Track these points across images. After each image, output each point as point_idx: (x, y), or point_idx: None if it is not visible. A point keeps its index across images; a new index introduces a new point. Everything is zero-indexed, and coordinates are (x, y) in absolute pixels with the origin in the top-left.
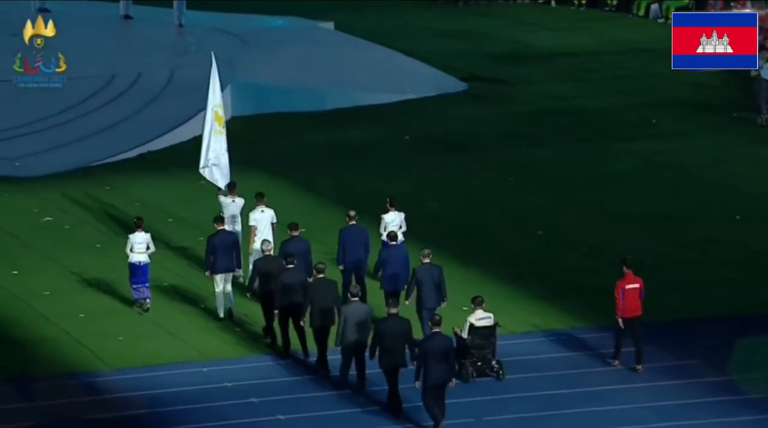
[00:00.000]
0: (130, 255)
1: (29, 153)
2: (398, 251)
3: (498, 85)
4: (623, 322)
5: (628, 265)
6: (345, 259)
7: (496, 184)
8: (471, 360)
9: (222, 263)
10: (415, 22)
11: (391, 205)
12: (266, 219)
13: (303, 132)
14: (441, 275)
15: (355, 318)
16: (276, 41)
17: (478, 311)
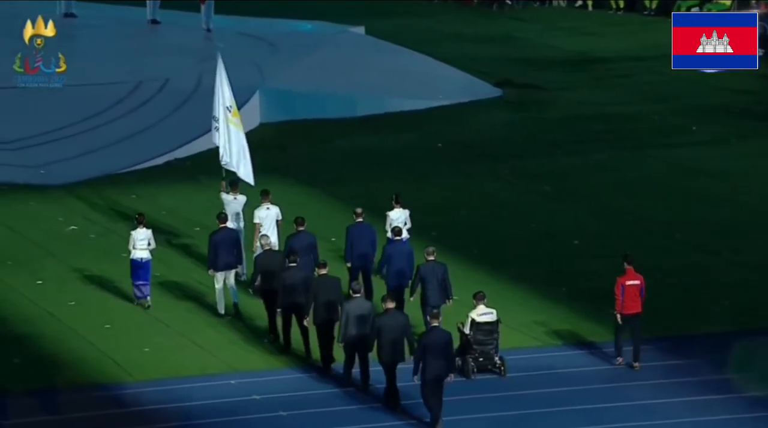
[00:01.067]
0: (132, 251)
1: (55, 160)
2: (403, 247)
3: (532, 91)
4: (622, 318)
5: (629, 261)
6: (352, 256)
7: (530, 192)
8: (473, 356)
9: (223, 260)
10: (448, 26)
11: (396, 202)
12: (272, 216)
13: (332, 138)
14: (445, 273)
15: (356, 315)
16: (305, 46)
17: (480, 306)
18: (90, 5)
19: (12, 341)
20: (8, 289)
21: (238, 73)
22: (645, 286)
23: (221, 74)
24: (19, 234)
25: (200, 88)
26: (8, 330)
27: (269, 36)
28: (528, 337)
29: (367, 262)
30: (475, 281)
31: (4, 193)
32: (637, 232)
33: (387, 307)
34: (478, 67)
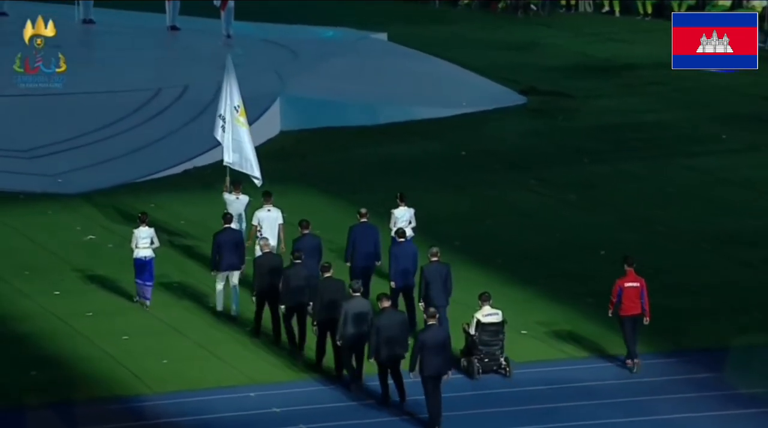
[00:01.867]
0: (135, 250)
1: (72, 169)
2: (407, 247)
3: (558, 99)
4: (624, 320)
5: (629, 263)
6: (354, 257)
7: (557, 201)
8: (478, 356)
9: (227, 261)
10: (472, 32)
11: (401, 200)
12: (272, 218)
13: (354, 147)
14: (449, 273)
15: (355, 313)
16: (327, 53)
17: (486, 307)
18: (109, 11)
19: (29, 352)
20: (25, 300)
21: (258, 81)
22: (646, 289)
23: (230, 73)
24: (36, 244)
25: (220, 95)
26: (25, 340)
27: (290, 42)
28: (554, 349)
29: (370, 262)
30: (499, 292)
31: (21, 202)
32: (665, 242)
33: (383, 306)
34: (502, 74)
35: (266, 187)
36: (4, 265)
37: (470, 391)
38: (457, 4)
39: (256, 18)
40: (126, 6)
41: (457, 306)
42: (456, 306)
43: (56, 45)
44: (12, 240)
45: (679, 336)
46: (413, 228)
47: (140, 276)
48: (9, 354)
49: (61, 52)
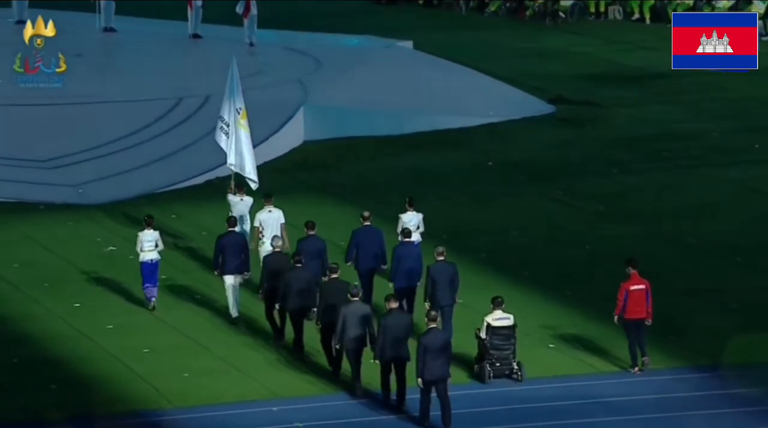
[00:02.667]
0: (141, 254)
1: (93, 179)
2: (412, 248)
3: (588, 108)
4: (628, 324)
5: (633, 266)
6: (359, 260)
7: (585, 213)
8: (489, 361)
9: (231, 264)
10: (499, 40)
11: (409, 205)
12: (274, 219)
13: (379, 157)
14: (455, 272)
15: (354, 318)
16: (351, 61)
17: (497, 311)
18: (130, 19)
19: (49, 366)
20: (45, 312)
21: (281, 89)
22: (651, 291)
23: (234, 76)
24: (56, 255)
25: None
26: (45, 355)
27: (314, 51)
28: (582, 364)
29: (375, 265)
30: (526, 304)
31: (41, 213)
32: (697, 255)
33: (390, 307)
34: (530, 82)
35: (291, 197)
36: (23, 277)
37: (495, 406)
38: (484, 12)
39: (279, 26)
40: (148, 14)
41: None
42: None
43: (78, 54)
44: (32, 251)
45: (713, 350)
46: (421, 233)
47: (148, 280)
48: (28, 368)
49: (83, 60)
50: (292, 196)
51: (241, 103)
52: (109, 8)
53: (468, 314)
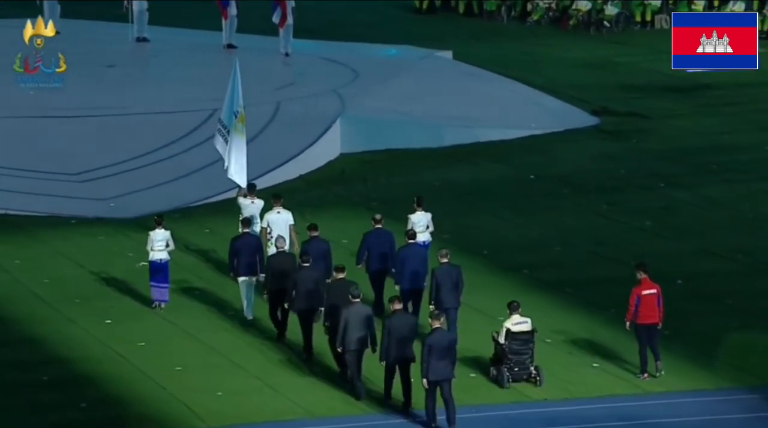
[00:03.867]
0: (151, 253)
1: (125, 192)
2: (417, 250)
3: (633, 120)
4: (640, 329)
5: (644, 270)
6: (370, 262)
7: (630, 228)
8: (508, 366)
9: (245, 266)
10: (541, 50)
11: (418, 205)
12: (282, 220)
13: (417, 170)
14: (459, 275)
15: (355, 320)
16: (389, 71)
17: (515, 316)
18: (163, 29)
19: (79, 384)
20: (75, 328)
21: (317, 101)
22: (662, 295)
23: (236, 79)
24: (87, 271)
25: (278, 116)
26: (75, 372)
27: (351, 61)
28: (627, 383)
29: (385, 267)
30: (568, 322)
31: (72, 227)
32: (747, 272)
33: (395, 308)
34: (574, 93)
35: (325, 210)
36: (54, 292)
37: (539, 427)
38: (526, 21)
39: (316, 35)
40: (181, 24)
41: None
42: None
43: (110, 64)
44: (62, 266)
45: (765, 370)
46: (431, 233)
47: (155, 279)
48: (58, 385)
49: (115, 71)
50: (328, 210)
51: (237, 106)
52: (142, 18)
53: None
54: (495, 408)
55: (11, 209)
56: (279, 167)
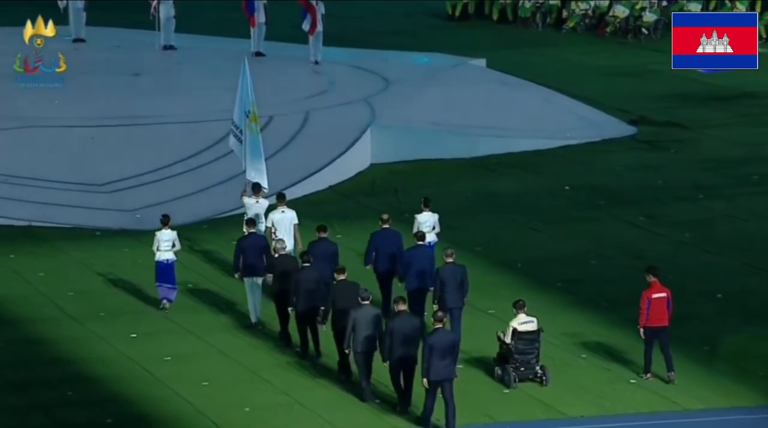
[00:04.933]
0: (157, 253)
1: (151, 204)
2: (425, 251)
3: (672, 130)
4: (649, 332)
5: (654, 274)
6: (378, 263)
7: (669, 241)
8: (513, 365)
9: (251, 267)
10: (577, 58)
11: (425, 206)
12: (287, 220)
13: (450, 181)
14: (464, 274)
15: (365, 322)
16: (422, 80)
17: (521, 315)
18: (190, 37)
19: (104, 399)
20: (101, 343)
21: (347, 110)
22: (672, 299)
23: (246, 78)
24: (112, 283)
25: (307, 125)
26: (100, 387)
27: (382, 69)
28: (666, 401)
29: (394, 268)
30: (605, 337)
31: (97, 239)
32: None
33: (399, 309)
34: (610, 102)
35: (355, 222)
36: (78, 306)
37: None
38: (561, 28)
39: (346, 43)
40: (209, 31)
41: (557, 350)
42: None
43: (137, 73)
44: (87, 279)
45: None
46: (437, 234)
47: (161, 279)
48: (84, 401)
49: (141, 79)
50: (357, 222)
51: (249, 106)
52: (169, 26)
53: (548, 348)
54: (531, 425)
55: (35, 221)
56: (308, 178)
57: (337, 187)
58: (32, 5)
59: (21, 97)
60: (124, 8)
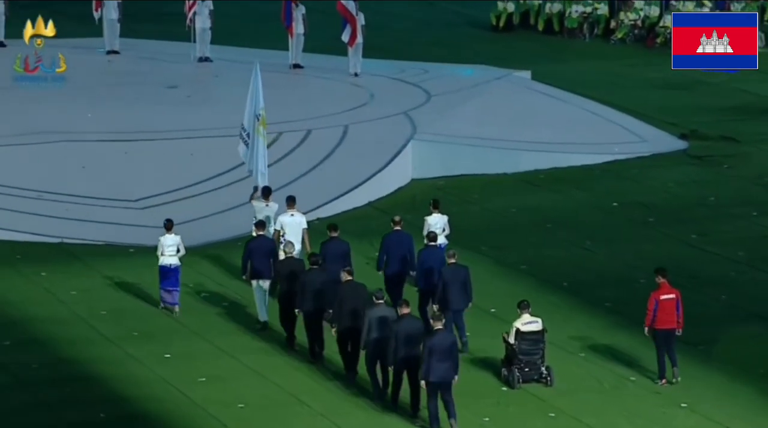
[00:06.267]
0: (161, 258)
1: (186, 220)
2: (437, 252)
3: (724, 144)
4: (659, 334)
5: (663, 275)
6: (388, 265)
7: (723, 259)
8: (518, 366)
9: (259, 269)
10: (625, 70)
11: (434, 208)
12: (296, 223)
13: (493, 196)
14: (467, 275)
15: (379, 322)
16: (464, 93)
17: (525, 315)
18: (227, 49)
19: (137, 420)
20: (134, 363)
21: (387, 124)
22: (681, 301)
23: (257, 82)
24: (145, 302)
25: (346, 139)
26: (134, 409)
27: (423, 81)
28: (720, 426)
29: (404, 270)
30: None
31: (130, 256)
32: None
33: (402, 312)
34: (660, 116)
35: None
36: (112, 326)
37: None
38: (609, 39)
39: (386, 55)
40: (245, 43)
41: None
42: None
43: (172, 86)
44: (120, 298)
45: None
46: (446, 236)
47: (165, 283)
48: (118, 423)
49: (177, 92)
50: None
51: (260, 109)
52: (205, 37)
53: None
54: None
55: (67, 238)
56: (347, 193)
57: (376, 203)
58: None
59: (54, 111)
60: (158, 19)
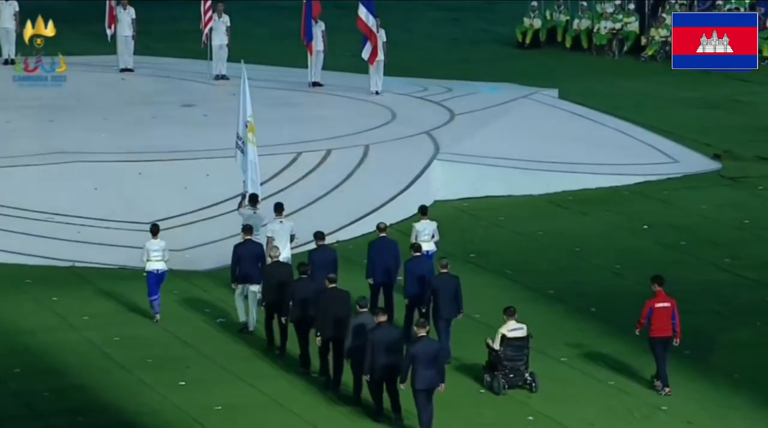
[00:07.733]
0: (147, 264)
1: (202, 243)
2: (424, 261)
3: (759, 164)
4: (655, 343)
5: (659, 283)
6: (375, 273)
7: (757, 284)
8: (503, 372)
9: (244, 273)
10: (656, 89)
11: (423, 214)
12: (285, 230)
13: (519, 219)
14: (458, 286)
15: (361, 330)
16: (488, 111)
17: (511, 322)
18: (244, 66)
19: None
20: (149, 391)
21: (410, 144)
22: (677, 310)
23: (245, 87)
24: (159, 329)
25: (367, 159)
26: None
27: (447, 100)
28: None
29: (390, 278)
30: (687, 388)
31: (143, 281)
32: None
33: (378, 320)
34: (692, 136)
35: None
36: (125, 352)
37: None
38: (640, 56)
39: (408, 73)
40: (263, 61)
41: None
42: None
43: (188, 104)
44: (134, 323)
45: None
46: (435, 243)
47: (153, 292)
48: None
49: (193, 110)
50: None
51: (248, 117)
52: (221, 54)
53: (621, 397)
54: None
55: (79, 261)
56: (368, 215)
57: (397, 225)
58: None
59: (66, 130)
60: (173, 37)
